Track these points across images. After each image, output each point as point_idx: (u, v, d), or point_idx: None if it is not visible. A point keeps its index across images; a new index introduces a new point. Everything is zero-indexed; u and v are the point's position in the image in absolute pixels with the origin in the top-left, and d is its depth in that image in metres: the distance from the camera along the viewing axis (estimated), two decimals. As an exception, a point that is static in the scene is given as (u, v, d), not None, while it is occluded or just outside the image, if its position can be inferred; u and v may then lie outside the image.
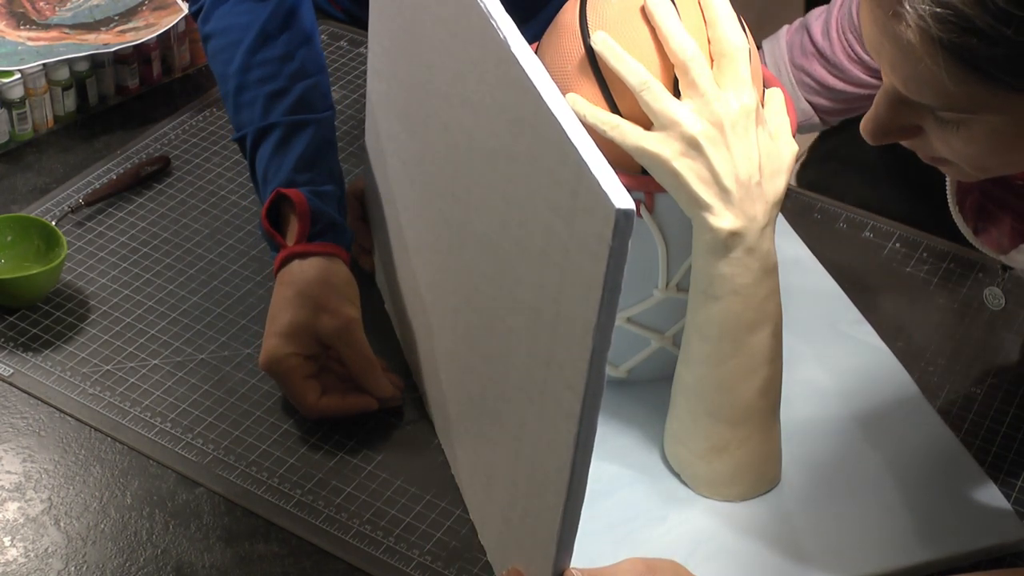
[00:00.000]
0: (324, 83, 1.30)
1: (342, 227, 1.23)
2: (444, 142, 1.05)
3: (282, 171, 1.24)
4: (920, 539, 1.10)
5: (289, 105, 1.26)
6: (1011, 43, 0.83)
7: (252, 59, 1.28)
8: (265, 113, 1.26)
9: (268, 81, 1.27)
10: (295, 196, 1.21)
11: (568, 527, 0.89)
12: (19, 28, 1.53)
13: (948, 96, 0.89)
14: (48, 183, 1.43)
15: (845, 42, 1.44)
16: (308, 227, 1.20)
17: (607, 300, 0.79)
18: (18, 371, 1.21)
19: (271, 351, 1.15)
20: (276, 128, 1.25)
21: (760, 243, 1.06)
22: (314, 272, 1.18)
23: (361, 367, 1.17)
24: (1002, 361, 1.30)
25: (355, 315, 1.17)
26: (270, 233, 1.21)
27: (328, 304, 1.16)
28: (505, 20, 0.90)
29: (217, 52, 1.32)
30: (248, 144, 1.27)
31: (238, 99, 1.29)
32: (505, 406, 0.98)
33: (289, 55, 1.28)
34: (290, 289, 1.17)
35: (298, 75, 1.28)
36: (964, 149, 0.94)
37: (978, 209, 1.18)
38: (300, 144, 1.25)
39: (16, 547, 1.07)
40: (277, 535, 1.09)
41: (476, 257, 1.01)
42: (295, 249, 1.19)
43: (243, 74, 1.28)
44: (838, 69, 1.44)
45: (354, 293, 1.19)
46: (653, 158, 1.04)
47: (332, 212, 1.22)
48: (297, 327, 1.15)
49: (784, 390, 1.13)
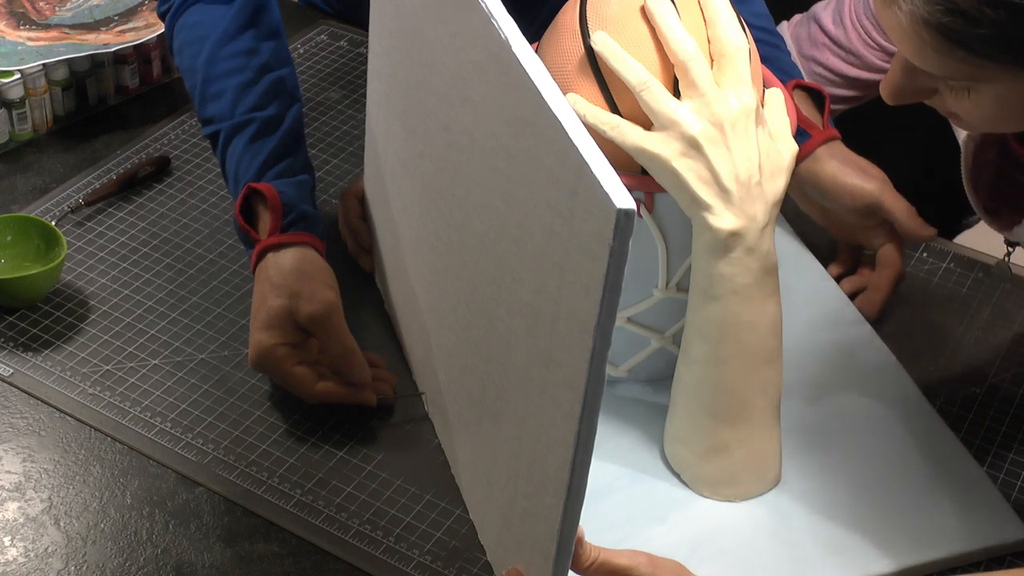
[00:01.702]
0: (292, 77, 1.30)
1: (314, 217, 1.22)
2: (444, 142, 1.05)
3: (253, 166, 1.23)
4: (920, 539, 1.10)
5: (258, 97, 1.26)
6: (993, 22, 0.89)
7: (219, 52, 1.27)
8: (234, 105, 1.25)
9: (236, 73, 1.27)
10: (266, 190, 1.21)
11: (568, 527, 0.89)
12: (19, 28, 1.53)
13: (947, 69, 0.95)
14: (48, 183, 1.43)
15: (861, 29, 1.45)
16: (280, 219, 1.20)
17: (607, 300, 0.79)
18: (18, 371, 1.21)
19: (256, 346, 1.15)
20: (249, 124, 1.24)
21: (760, 243, 1.06)
22: (288, 262, 1.17)
23: (340, 353, 1.16)
24: (1002, 361, 1.30)
25: (333, 299, 1.16)
26: (244, 229, 1.21)
27: (304, 290, 1.15)
28: (506, 20, 0.90)
29: (184, 47, 1.31)
30: (220, 141, 1.26)
31: (205, 91, 1.27)
32: (505, 406, 0.98)
33: (256, 49, 1.27)
34: (266, 283, 1.17)
35: (265, 68, 1.27)
36: (974, 111, 0.99)
37: (990, 187, 1.20)
38: (272, 140, 1.24)
39: (16, 547, 1.07)
40: (277, 535, 1.09)
41: (476, 257, 1.01)
42: (269, 242, 1.19)
43: (210, 67, 1.28)
44: (855, 56, 1.44)
45: (331, 278, 1.18)
46: (653, 158, 1.04)
47: (303, 203, 1.22)
48: (276, 317, 1.14)
49: (784, 390, 1.13)
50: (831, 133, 1.31)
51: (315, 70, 1.62)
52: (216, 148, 1.27)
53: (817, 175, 1.30)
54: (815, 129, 1.30)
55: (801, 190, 1.34)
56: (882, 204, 1.28)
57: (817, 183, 1.30)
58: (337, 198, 1.41)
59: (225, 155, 1.26)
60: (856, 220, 1.31)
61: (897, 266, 1.31)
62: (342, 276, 1.21)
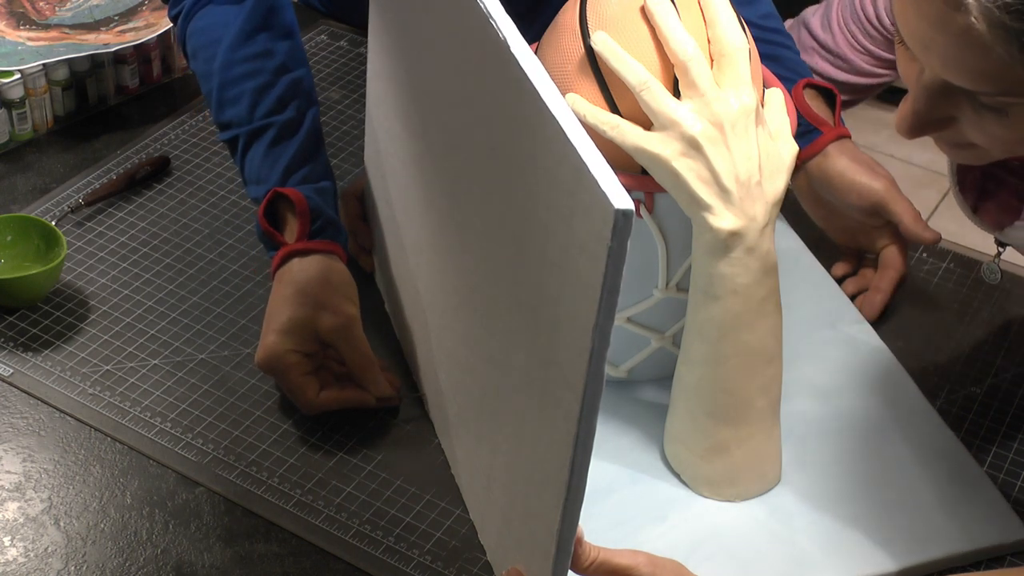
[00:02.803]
0: (308, 78, 1.29)
1: (338, 225, 1.23)
2: (444, 142, 1.05)
3: (276, 170, 1.23)
4: (920, 539, 1.10)
5: (275, 100, 1.26)
6: None
7: (234, 55, 1.27)
8: (252, 109, 1.25)
9: (252, 77, 1.27)
10: (294, 195, 1.21)
11: (568, 527, 0.89)
12: (19, 28, 1.53)
13: (1011, 82, 0.89)
14: (48, 183, 1.43)
15: (848, 33, 1.45)
16: (308, 225, 1.20)
17: (606, 300, 0.79)
18: (18, 371, 1.21)
19: (270, 347, 1.15)
20: (269, 128, 1.25)
21: (760, 243, 1.06)
22: (315, 270, 1.18)
23: (360, 365, 1.17)
24: (1002, 361, 1.30)
25: (355, 313, 1.17)
26: (269, 232, 1.21)
27: (328, 302, 1.16)
28: (505, 20, 0.90)
29: (198, 50, 1.31)
30: (240, 145, 1.26)
31: (222, 95, 1.27)
32: (505, 406, 0.98)
33: (271, 51, 1.27)
34: (290, 287, 1.17)
35: (282, 70, 1.27)
36: (1001, 134, 0.95)
37: (978, 188, 1.20)
38: (294, 143, 1.24)
39: (16, 547, 1.07)
40: (277, 535, 1.09)
41: (476, 257, 1.01)
42: (296, 247, 1.19)
43: (225, 70, 1.27)
44: (843, 60, 1.44)
45: (353, 292, 1.19)
46: (653, 158, 1.04)
47: (329, 210, 1.23)
48: (297, 324, 1.15)
49: (784, 390, 1.13)
50: (842, 131, 1.31)
51: (315, 70, 1.62)
52: (235, 153, 1.27)
53: (826, 171, 1.30)
54: (826, 126, 1.31)
55: (806, 191, 1.34)
56: (888, 204, 1.28)
57: (826, 179, 1.30)
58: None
59: (244, 160, 1.26)
60: (861, 220, 1.31)
61: (900, 268, 1.31)
62: (342, 276, 1.21)
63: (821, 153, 1.31)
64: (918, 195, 2.19)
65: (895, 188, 1.29)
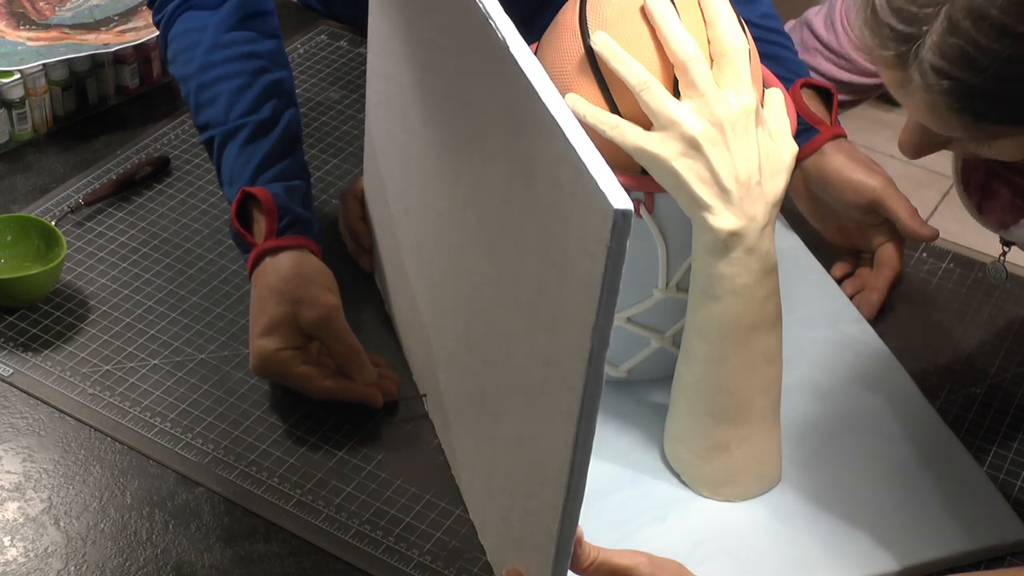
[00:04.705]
0: (289, 80, 1.29)
1: (308, 220, 1.22)
2: (443, 142, 1.05)
3: (248, 168, 1.23)
4: (920, 539, 1.10)
5: (252, 100, 1.25)
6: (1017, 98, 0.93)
7: (211, 57, 1.27)
8: (228, 110, 1.25)
9: (230, 78, 1.26)
10: (260, 193, 1.20)
11: (568, 527, 0.89)
12: (19, 28, 1.53)
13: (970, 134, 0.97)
14: (48, 183, 1.43)
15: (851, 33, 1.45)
16: (276, 223, 1.20)
17: (605, 300, 0.79)
18: (18, 371, 1.21)
19: (258, 352, 1.15)
20: (244, 128, 1.24)
21: (760, 243, 1.06)
22: (286, 267, 1.17)
23: (345, 355, 1.16)
24: (1002, 361, 1.30)
25: (334, 302, 1.17)
26: (240, 233, 1.20)
27: (305, 296, 1.16)
28: (504, 21, 0.90)
29: (177, 55, 1.30)
30: (216, 145, 1.26)
31: (199, 98, 1.27)
32: (505, 406, 0.98)
33: (249, 54, 1.27)
34: (265, 288, 1.17)
35: (260, 72, 1.26)
36: (995, 154, 1.00)
37: (983, 187, 1.20)
38: (268, 142, 1.24)
39: (16, 547, 1.07)
40: (277, 535, 1.09)
41: (476, 257, 1.01)
42: (266, 246, 1.19)
43: (203, 73, 1.27)
44: (847, 60, 1.44)
45: (330, 280, 1.18)
46: (653, 158, 1.04)
47: (297, 206, 1.22)
48: (278, 323, 1.15)
49: (784, 390, 1.13)
50: (838, 130, 1.32)
51: (315, 70, 1.62)
52: (212, 154, 1.27)
53: (823, 170, 1.30)
54: (823, 125, 1.31)
55: (802, 190, 1.35)
56: (885, 201, 1.28)
57: (822, 178, 1.30)
58: (337, 198, 1.41)
59: (220, 160, 1.26)
60: (858, 218, 1.31)
61: (895, 266, 1.31)
62: (342, 276, 1.21)
63: (818, 151, 1.31)
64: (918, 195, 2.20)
65: (892, 185, 1.29)
